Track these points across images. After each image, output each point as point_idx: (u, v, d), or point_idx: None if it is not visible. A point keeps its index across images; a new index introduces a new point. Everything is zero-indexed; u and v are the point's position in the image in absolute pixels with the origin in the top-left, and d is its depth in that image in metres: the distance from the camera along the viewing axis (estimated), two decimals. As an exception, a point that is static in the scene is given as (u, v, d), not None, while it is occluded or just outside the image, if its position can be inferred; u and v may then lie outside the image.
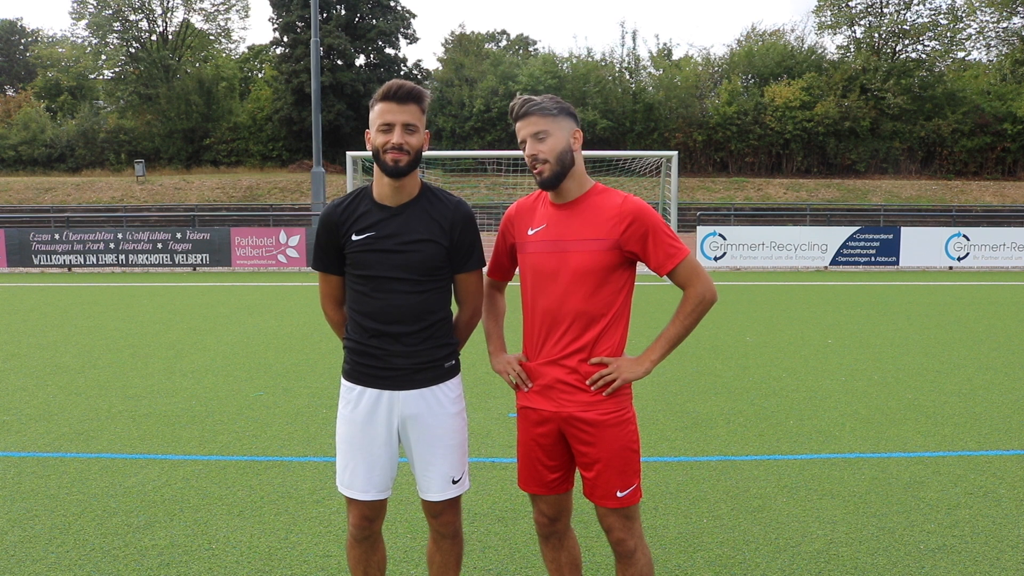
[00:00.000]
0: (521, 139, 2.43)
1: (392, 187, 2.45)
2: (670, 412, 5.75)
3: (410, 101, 2.38)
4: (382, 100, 2.39)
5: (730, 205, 31.75)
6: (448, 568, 2.68)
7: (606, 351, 2.46)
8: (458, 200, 2.55)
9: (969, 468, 4.59)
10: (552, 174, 2.40)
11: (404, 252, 2.43)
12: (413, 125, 2.39)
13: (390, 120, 2.37)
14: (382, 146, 2.38)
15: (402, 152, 2.37)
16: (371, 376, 2.51)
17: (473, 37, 55.89)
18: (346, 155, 17.29)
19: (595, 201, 2.47)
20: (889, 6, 41.32)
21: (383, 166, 2.40)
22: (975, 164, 39.32)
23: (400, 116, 2.37)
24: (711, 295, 2.44)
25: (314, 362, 7.53)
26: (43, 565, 3.42)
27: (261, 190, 35.88)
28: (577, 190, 2.48)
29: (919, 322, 9.96)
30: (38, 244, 17.81)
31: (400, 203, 2.47)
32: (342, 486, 2.57)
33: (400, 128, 2.37)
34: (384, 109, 2.38)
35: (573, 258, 2.42)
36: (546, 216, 2.50)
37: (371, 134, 2.43)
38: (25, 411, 5.90)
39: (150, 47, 46.15)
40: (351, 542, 2.64)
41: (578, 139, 2.46)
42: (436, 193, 2.54)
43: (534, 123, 2.39)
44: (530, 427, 2.55)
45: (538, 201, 2.58)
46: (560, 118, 2.42)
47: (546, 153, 2.38)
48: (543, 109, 2.39)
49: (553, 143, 2.39)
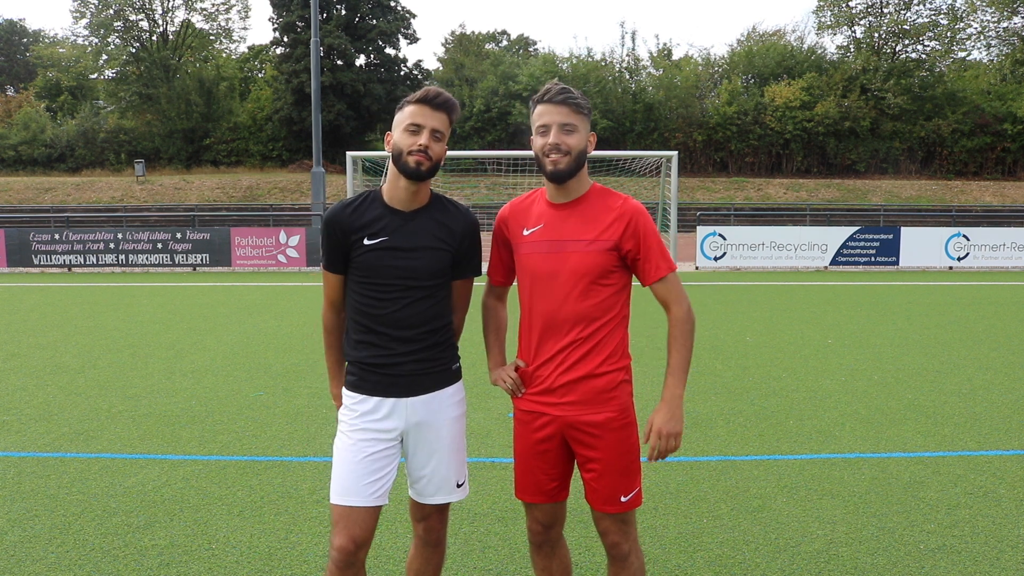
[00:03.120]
0: (544, 124, 2.39)
1: (408, 191, 2.45)
2: (670, 412, 5.74)
3: (443, 110, 2.40)
4: (416, 103, 2.39)
5: (730, 205, 31.76)
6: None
7: (607, 355, 2.43)
8: (466, 209, 2.58)
9: (969, 468, 4.59)
10: (567, 168, 2.39)
11: (416, 258, 2.43)
12: (440, 132, 2.41)
13: (420, 122, 2.38)
14: (408, 147, 2.38)
15: (426, 156, 2.38)
16: (379, 385, 2.47)
17: (473, 37, 55.92)
18: (346, 155, 17.27)
19: (594, 201, 2.46)
20: (889, 6, 41.34)
21: (404, 167, 2.40)
22: (975, 164, 39.33)
23: (431, 121, 2.38)
24: (692, 316, 2.44)
25: (314, 362, 7.53)
26: (43, 565, 3.42)
27: (261, 190, 35.88)
28: (579, 189, 2.47)
29: (919, 322, 9.96)
30: (38, 244, 17.80)
31: (412, 208, 2.47)
32: (338, 495, 2.43)
33: (428, 132, 2.38)
34: (416, 111, 2.39)
35: (571, 259, 2.40)
36: (543, 216, 2.48)
37: (394, 135, 2.43)
38: (25, 411, 5.90)
39: (151, 47, 46.16)
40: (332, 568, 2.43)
41: (592, 142, 2.47)
42: (445, 201, 2.55)
43: (566, 114, 2.37)
44: (528, 433, 2.52)
45: (533, 201, 2.55)
46: (586, 118, 2.42)
47: (570, 146, 2.37)
48: (578, 105, 2.39)
49: (578, 139, 2.39)
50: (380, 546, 3.58)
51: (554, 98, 2.38)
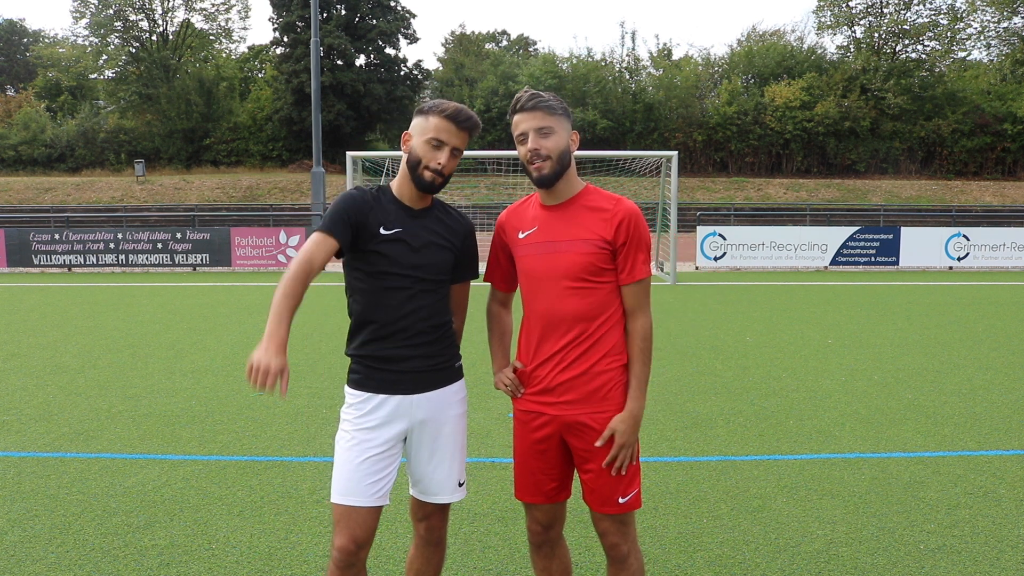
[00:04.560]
0: (521, 132, 2.41)
1: (416, 194, 2.52)
2: (670, 412, 5.75)
3: (467, 130, 2.46)
4: (444, 118, 2.42)
5: (730, 205, 31.77)
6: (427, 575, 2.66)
7: (604, 353, 2.43)
8: (462, 213, 2.67)
9: (969, 468, 4.59)
10: (552, 172, 2.40)
11: (424, 254, 2.48)
12: (460, 151, 2.48)
13: (444, 139, 2.42)
14: (427, 161, 2.43)
15: (441, 176, 2.45)
16: (385, 382, 2.48)
17: (473, 37, 55.95)
18: (346, 155, 17.27)
19: (586, 202, 2.47)
20: (889, 6, 41.35)
21: (418, 180, 2.45)
22: (975, 164, 39.35)
23: (453, 140, 2.44)
24: (651, 329, 2.47)
25: (314, 362, 7.53)
26: (43, 565, 3.42)
27: (261, 190, 35.89)
28: (569, 191, 2.48)
29: (919, 322, 9.96)
30: (38, 244, 17.81)
31: (420, 207, 2.54)
32: (339, 494, 2.43)
33: (449, 152, 2.44)
34: (442, 127, 2.42)
35: (564, 259, 2.41)
36: (537, 218, 2.50)
37: (414, 141, 2.46)
38: (25, 411, 5.90)
39: (150, 47, 46.17)
40: (333, 568, 2.44)
41: (575, 141, 2.48)
42: (444, 205, 2.63)
43: (540, 118, 2.39)
44: (528, 433, 2.52)
45: (528, 205, 2.57)
46: (563, 118, 2.43)
47: (549, 149, 2.38)
48: (550, 107, 2.40)
49: (556, 140, 2.39)
50: (380, 546, 3.58)
51: (525, 105, 2.40)
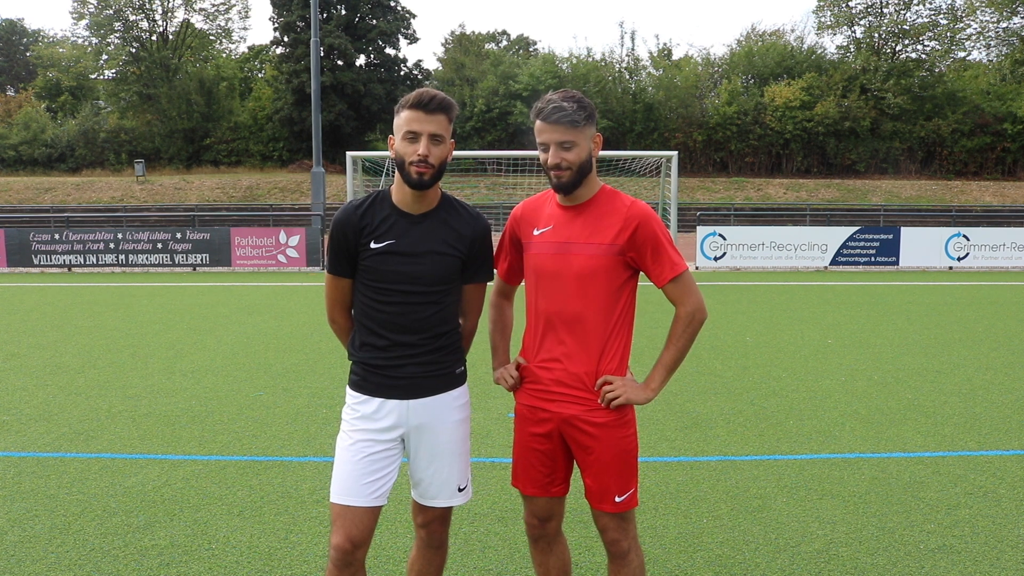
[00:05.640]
0: (542, 141, 2.40)
1: (414, 196, 2.43)
2: (670, 412, 5.75)
3: (439, 112, 2.34)
4: (410, 108, 2.34)
5: (730, 205, 31.76)
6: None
7: (609, 356, 2.44)
8: (477, 213, 2.55)
9: (969, 468, 4.59)
10: (571, 180, 2.40)
11: (423, 262, 2.41)
12: (440, 136, 2.36)
13: (417, 129, 2.33)
14: (408, 157, 2.34)
15: (427, 166, 2.34)
16: (380, 386, 2.47)
17: (473, 37, 55.93)
18: (346, 155, 17.29)
19: (603, 204, 2.46)
20: (889, 6, 41.34)
21: (407, 178, 2.37)
22: (975, 164, 39.34)
23: (427, 126, 2.33)
24: (701, 314, 2.44)
25: (314, 362, 7.53)
26: (43, 565, 3.42)
27: (261, 190, 35.89)
28: (587, 193, 2.47)
29: (919, 322, 9.96)
30: (38, 244, 17.80)
31: (421, 212, 2.45)
32: (337, 494, 2.44)
33: (427, 139, 2.33)
34: (411, 117, 2.34)
35: (576, 260, 2.41)
36: (553, 217, 2.50)
37: (395, 141, 2.39)
38: (25, 411, 5.90)
39: (150, 47, 46.16)
40: (331, 568, 2.43)
41: (598, 144, 2.46)
42: (455, 204, 2.52)
43: (561, 132, 2.36)
44: (528, 427, 2.54)
45: (545, 201, 2.56)
46: (586, 127, 2.39)
47: (571, 162, 2.37)
48: (573, 121, 2.36)
49: (578, 152, 2.38)
50: (380, 546, 3.58)
51: (548, 117, 2.36)
